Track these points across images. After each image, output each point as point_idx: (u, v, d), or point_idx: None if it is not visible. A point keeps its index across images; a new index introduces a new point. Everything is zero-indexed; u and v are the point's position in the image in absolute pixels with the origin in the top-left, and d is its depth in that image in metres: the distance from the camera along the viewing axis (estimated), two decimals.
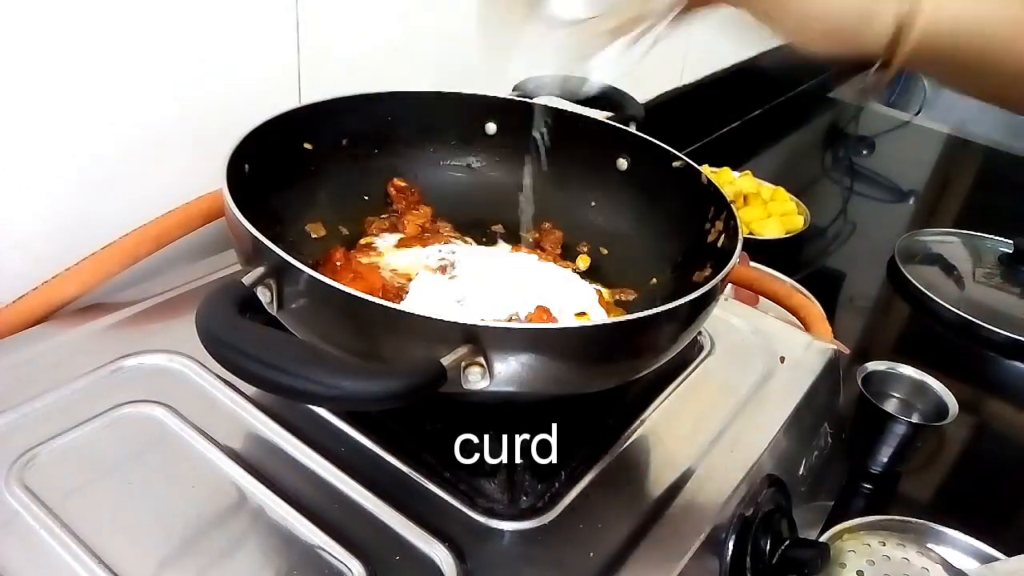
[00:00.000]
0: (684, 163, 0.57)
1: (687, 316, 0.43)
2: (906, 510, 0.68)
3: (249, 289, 0.38)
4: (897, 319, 1.05)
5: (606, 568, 0.40)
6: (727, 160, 1.24)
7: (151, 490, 0.41)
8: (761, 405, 0.54)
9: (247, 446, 0.44)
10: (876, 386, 0.76)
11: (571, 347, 0.39)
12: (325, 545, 0.39)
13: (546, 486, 0.44)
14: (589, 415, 0.50)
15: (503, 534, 0.41)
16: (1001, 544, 0.63)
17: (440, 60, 0.80)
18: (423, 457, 0.45)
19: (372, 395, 0.32)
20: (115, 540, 0.38)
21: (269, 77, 0.65)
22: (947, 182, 1.50)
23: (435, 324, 0.36)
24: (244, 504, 0.41)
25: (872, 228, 1.24)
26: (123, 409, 0.45)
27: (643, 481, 0.47)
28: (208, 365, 0.48)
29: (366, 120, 0.60)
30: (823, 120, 1.66)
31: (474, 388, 0.36)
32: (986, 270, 1.13)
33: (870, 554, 0.59)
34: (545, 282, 0.55)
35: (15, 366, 0.47)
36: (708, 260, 0.53)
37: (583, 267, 0.62)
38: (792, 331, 0.63)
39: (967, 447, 0.81)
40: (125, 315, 0.52)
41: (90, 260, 0.55)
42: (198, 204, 0.59)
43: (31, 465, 0.41)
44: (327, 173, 0.59)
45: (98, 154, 0.56)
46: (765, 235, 1.10)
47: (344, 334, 0.40)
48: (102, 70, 0.54)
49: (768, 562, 0.47)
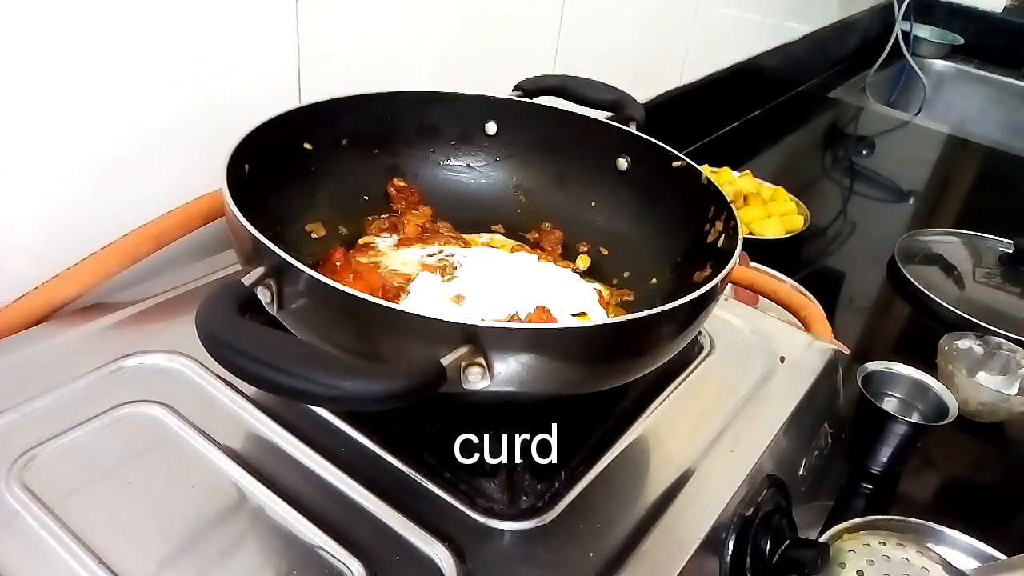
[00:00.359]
0: (684, 163, 0.57)
1: (687, 316, 0.43)
2: (906, 510, 0.68)
3: (249, 289, 0.38)
4: (897, 319, 1.05)
5: (606, 568, 0.40)
6: (727, 160, 1.24)
7: (151, 490, 0.41)
8: (761, 405, 0.54)
9: (247, 446, 0.44)
10: (876, 386, 0.76)
11: (571, 347, 0.39)
12: (325, 545, 0.39)
13: (546, 486, 0.44)
14: (589, 415, 0.50)
15: (503, 534, 0.41)
16: (1001, 544, 0.63)
17: (440, 60, 0.80)
18: (423, 457, 0.45)
19: (372, 395, 0.32)
20: (115, 540, 0.38)
21: (269, 77, 0.65)
22: (947, 182, 1.50)
23: (435, 324, 0.36)
24: (244, 504, 0.41)
25: (872, 228, 1.25)
26: (123, 409, 0.45)
27: (643, 481, 0.47)
28: (208, 365, 0.48)
29: (366, 120, 0.60)
30: (823, 120, 1.66)
31: (474, 388, 0.36)
32: (986, 270, 1.13)
33: (870, 554, 0.59)
34: (545, 282, 0.55)
35: (15, 366, 0.47)
36: (708, 260, 0.53)
37: (583, 267, 0.62)
38: (792, 331, 0.63)
39: (967, 447, 0.81)
40: (125, 315, 0.52)
41: (90, 260, 0.55)
42: (198, 204, 0.59)
43: (31, 465, 0.41)
44: (327, 173, 0.59)
45: (98, 154, 0.56)
46: (765, 235, 1.10)
47: (344, 334, 0.40)
48: (102, 71, 0.54)
49: (768, 562, 0.47)
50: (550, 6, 0.91)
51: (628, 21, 1.05)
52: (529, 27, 0.90)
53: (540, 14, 0.91)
